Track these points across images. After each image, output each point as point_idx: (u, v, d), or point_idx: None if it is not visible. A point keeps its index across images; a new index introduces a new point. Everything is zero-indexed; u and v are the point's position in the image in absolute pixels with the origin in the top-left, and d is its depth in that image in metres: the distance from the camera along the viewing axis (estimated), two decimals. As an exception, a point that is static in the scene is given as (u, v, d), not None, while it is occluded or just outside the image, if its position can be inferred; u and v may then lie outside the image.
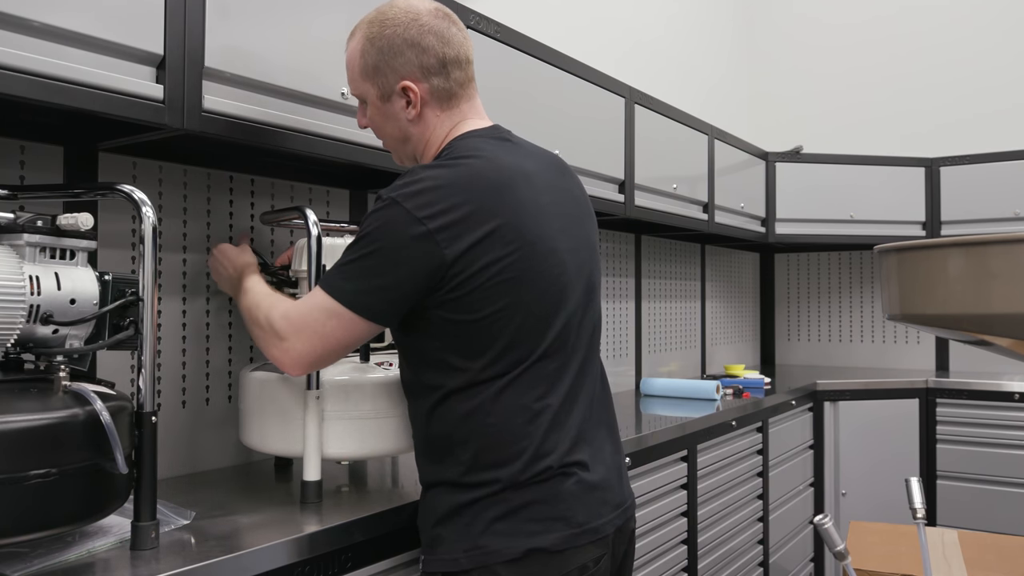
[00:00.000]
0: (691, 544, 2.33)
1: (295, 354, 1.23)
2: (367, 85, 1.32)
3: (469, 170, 1.22)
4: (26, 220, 1.13)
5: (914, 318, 1.52)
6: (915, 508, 1.69)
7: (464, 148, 1.26)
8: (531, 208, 1.24)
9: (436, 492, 1.27)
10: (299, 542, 1.20)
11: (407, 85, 1.29)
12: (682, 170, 3.01)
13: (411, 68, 1.28)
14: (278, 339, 1.24)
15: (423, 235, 1.15)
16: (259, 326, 1.29)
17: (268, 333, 1.26)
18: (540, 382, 1.24)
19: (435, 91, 1.30)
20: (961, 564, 1.95)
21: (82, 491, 1.03)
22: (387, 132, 1.36)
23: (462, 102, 1.34)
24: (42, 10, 1.12)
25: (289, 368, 1.25)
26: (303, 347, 1.22)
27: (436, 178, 1.19)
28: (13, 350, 1.13)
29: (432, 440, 1.27)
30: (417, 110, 1.30)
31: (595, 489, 1.26)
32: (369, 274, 1.18)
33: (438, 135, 1.33)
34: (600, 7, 3.23)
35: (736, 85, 4.40)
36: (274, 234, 1.85)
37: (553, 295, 1.25)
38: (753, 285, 4.50)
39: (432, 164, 1.25)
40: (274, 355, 1.26)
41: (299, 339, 1.22)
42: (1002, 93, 4.03)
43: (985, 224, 3.68)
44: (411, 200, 1.16)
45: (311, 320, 1.21)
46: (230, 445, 1.73)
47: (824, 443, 3.43)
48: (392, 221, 1.17)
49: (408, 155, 1.38)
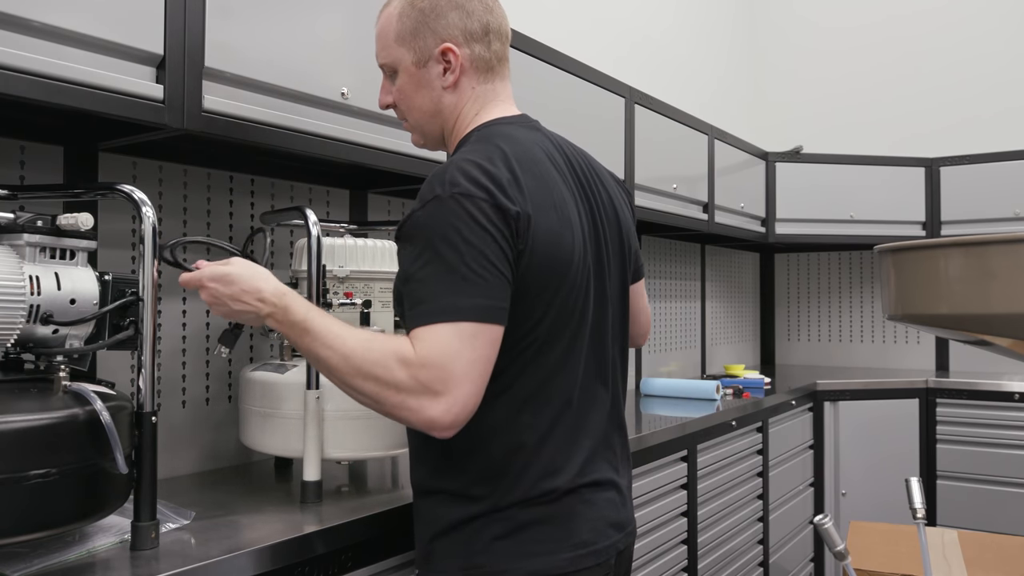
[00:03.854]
0: (691, 544, 2.33)
1: (461, 405, 1.02)
2: (401, 51, 1.23)
3: (508, 149, 1.14)
4: (26, 220, 1.13)
5: (914, 318, 1.52)
6: (915, 508, 1.69)
7: (496, 135, 1.19)
8: (560, 204, 1.17)
9: (434, 501, 1.19)
10: (299, 542, 1.20)
11: (448, 47, 1.21)
12: (682, 170, 3.01)
13: (453, 31, 1.21)
14: (431, 395, 1.01)
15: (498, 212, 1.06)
16: (382, 383, 1.04)
17: (412, 389, 1.02)
18: (559, 391, 1.17)
19: (475, 59, 1.23)
20: (961, 564, 1.95)
21: (82, 491, 1.03)
22: (416, 103, 1.26)
23: (497, 79, 1.27)
24: (42, 10, 1.12)
25: (451, 427, 1.03)
26: (467, 389, 1.03)
27: (479, 161, 1.11)
28: (13, 350, 1.13)
29: (434, 445, 1.17)
30: (456, 76, 1.22)
31: (603, 509, 1.20)
32: (473, 277, 1.05)
33: (471, 110, 1.25)
34: (601, 7, 3.23)
35: (736, 85, 4.40)
36: (274, 234, 1.85)
37: (578, 302, 1.18)
38: (753, 285, 4.50)
39: (466, 151, 1.15)
40: (428, 417, 1.02)
41: (460, 385, 1.02)
42: (1002, 94, 4.03)
43: (985, 224, 3.68)
44: (462, 186, 1.07)
45: (454, 353, 1.02)
46: (230, 445, 1.73)
47: (824, 443, 3.43)
48: (456, 214, 1.06)
49: (434, 132, 1.29)
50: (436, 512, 1.18)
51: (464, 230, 1.05)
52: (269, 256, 1.72)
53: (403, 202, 2.18)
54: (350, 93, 1.58)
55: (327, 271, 1.51)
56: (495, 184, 1.08)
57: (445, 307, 1.03)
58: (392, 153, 1.68)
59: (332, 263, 1.53)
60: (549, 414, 1.16)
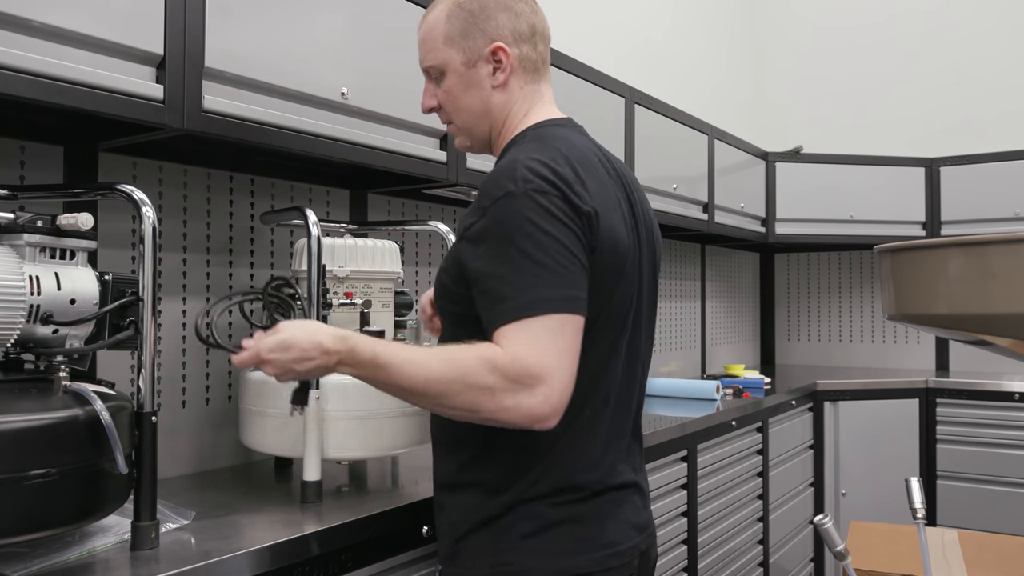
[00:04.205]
0: (691, 544, 2.33)
1: (558, 393, 1.04)
2: (450, 52, 1.24)
3: (566, 151, 1.16)
4: (26, 220, 1.13)
5: (914, 318, 1.52)
6: (915, 508, 1.69)
7: (552, 136, 1.20)
8: (616, 207, 1.19)
9: (465, 495, 1.18)
10: (299, 542, 1.20)
11: (499, 47, 1.22)
12: (682, 170, 3.01)
13: (503, 31, 1.23)
14: (527, 390, 1.02)
15: (571, 208, 1.08)
16: (476, 390, 1.04)
17: (506, 388, 1.02)
18: (601, 389, 1.17)
19: (524, 59, 1.25)
20: (961, 564, 1.95)
21: (82, 491, 1.03)
22: (464, 104, 1.26)
23: (542, 81, 1.29)
24: (42, 10, 1.12)
25: (552, 417, 1.04)
26: (562, 379, 1.04)
27: (545, 160, 1.12)
28: (13, 350, 1.13)
29: (473, 436, 1.15)
30: (506, 75, 1.24)
31: (627, 511, 1.21)
32: (557, 268, 1.06)
33: (519, 110, 1.26)
34: (601, 8, 3.23)
35: (736, 85, 4.40)
36: (274, 234, 1.85)
37: (625, 305, 1.20)
38: (753, 285, 4.50)
39: (527, 150, 1.15)
40: (528, 412, 1.03)
41: (554, 375, 1.03)
42: (1002, 94, 4.03)
43: (985, 224, 3.68)
44: (534, 182, 1.08)
45: (545, 345, 1.03)
46: (230, 445, 1.73)
47: (824, 443, 3.43)
48: (532, 208, 1.07)
49: (481, 133, 1.29)
50: (466, 506, 1.18)
51: (543, 223, 1.06)
52: (267, 258, 1.72)
53: (403, 202, 2.18)
54: (350, 93, 1.58)
55: (327, 271, 1.51)
56: (564, 182, 1.09)
57: (532, 300, 1.04)
58: (392, 153, 1.68)
59: (332, 263, 1.53)
60: (589, 412, 1.16)
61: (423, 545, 1.39)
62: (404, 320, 1.72)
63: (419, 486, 1.52)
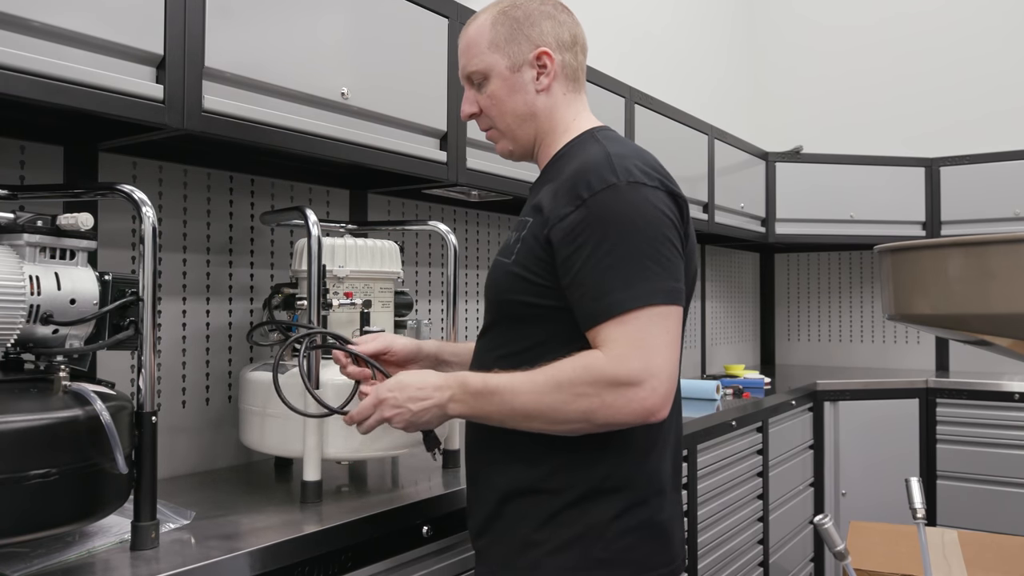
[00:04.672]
0: (691, 544, 2.33)
1: (665, 385, 1.06)
2: (495, 57, 1.26)
3: (636, 146, 1.23)
4: (26, 220, 1.13)
5: (914, 318, 1.52)
6: (915, 508, 1.69)
7: (618, 138, 1.26)
8: None
9: (529, 501, 1.16)
10: (299, 542, 1.20)
11: (544, 51, 1.25)
12: (682, 170, 3.01)
13: (547, 38, 1.26)
14: (630, 387, 1.04)
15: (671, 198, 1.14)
16: (584, 395, 1.05)
17: (614, 389, 1.04)
18: (677, 378, 1.17)
19: (566, 67, 1.28)
20: (961, 564, 1.95)
21: (82, 491, 1.03)
22: (509, 108, 1.27)
23: (582, 90, 1.32)
24: (42, 10, 1.12)
25: (661, 408, 1.06)
26: (667, 369, 1.06)
27: (635, 153, 1.18)
28: (13, 350, 1.13)
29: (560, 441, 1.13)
30: (549, 80, 1.26)
31: (680, 522, 1.23)
32: (660, 259, 1.09)
33: (564, 116, 1.28)
34: (600, 7, 3.22)
35: (736, 85, 4.39)
36: (274, 234, 1.85)
37: (691, 287, 1.23)
38: (753, 285, 4.50)
39: (612, 146, 1.18)
40: (637, 408, 1.05)
41: (660, 367, 1.05)
42: (1002, 94, 4.02)
43: (985, 224, 3.68)
44: (635, 174, 1.12)
45: (650, 339, 1.05)
46: (230, 445, 1.73)
47: (824, 443, 3.43)
48: (635, 200, 1.10)
49: (525, 137, 1.30)
50: (532, 515, 1.15)
51: (647, 214, 1.09)
52: (269, 257, 1.72)
53: (403, 202, 2.18)
54: (350, 93, 1.58)
55: (327, 271, 1.51)
56: (660, 173, 1.15)
57: (638, 294, 1.06)
58: (392, 153, 1.68)
59: (332, 263, 1.53)
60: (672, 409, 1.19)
61: (423, 545, 1.39)
62: (404, 320, 1.72)
63: (419, 486, 1.52)
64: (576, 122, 1.29)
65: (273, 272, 1.84)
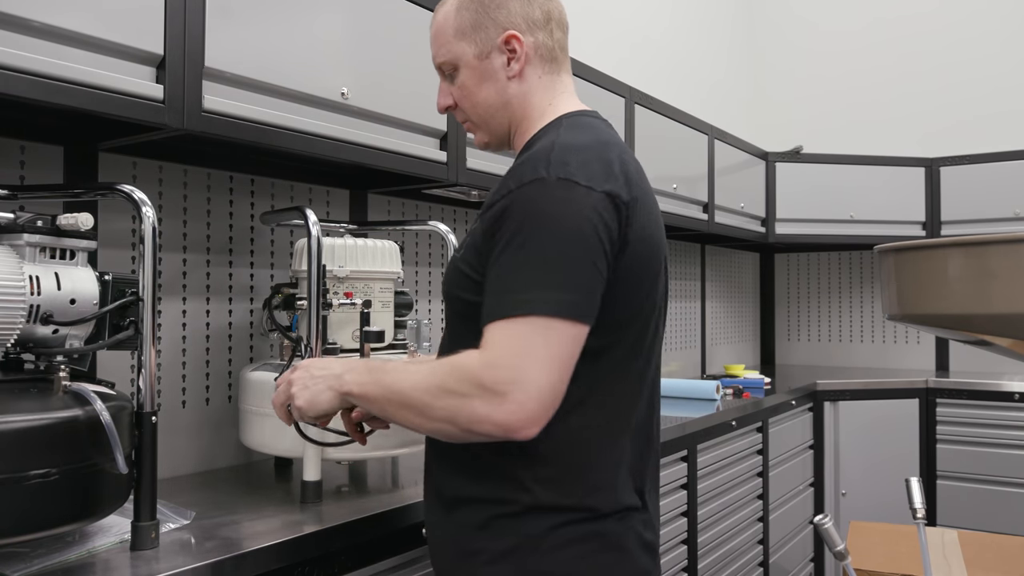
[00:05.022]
0: (691, 544, 2.33)
1: (534, 402, 0.95)
2: (462, 45, 1.19)
3: (606, 139, 1.11)
4: (26, 220, 1.13)
5: (914, 318, 1.52)
6: (915, 508, 1.69)
7: (588, 125, 1.15)
8: (653, 203, 1.17)
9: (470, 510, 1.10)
10: (299, 542, 1.20)
11: (512, 35, 1.17)
12: (682, 170, 3.01)
13: (516, 19, 1.18)
14: (495, 395, 0.95)
15: (607, 199, 1.02)
16: (450, 393, 0.98)
17: (479, 395, 0.96)
18: (632, 394, 1.11)
19: (539, 48, 1.19)
20: (961, 564, 1.95)
21: (82, 491, 1.03)
22: (480, 98, 1.20)
23: (562, 71, 1.22)
24: (42, 10, 1.12)
25: (525, 427, 0.96)
26: (541, 386, 0.96)
27: (586, 144, 1.08)
28: (13, 350, 1.13)
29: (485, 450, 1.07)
30: (521, 65, 1.18)
31: (649, 536, 1.14)
32: (567, 272, 0.99)
33: (539, 101, 1.20)
34: (601, 7, 3.22)
35: (736, 85, 4.40)
36: (274, 234, 1.85)
37: (657, 307, 1.14)
38: (753, 285, 4.50)
39: (566, 136, 1.10)
40: (499, 420, 0.95)
41: (532, 384, 0.95)
42: (1002, 94, 4.02)
43: (985, 224, 3.68)
44: (568, 169, 1.02)
45: (527, 350, 0.96)
46: (230, 445, 1.73)
47: (824, 443, 3.43)
48: (558, 199, 1.01)
49: (500, 127, 1.22)
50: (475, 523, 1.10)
51: (568, 217, 0.99)
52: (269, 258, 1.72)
53: (403, 202, 2.18)
54: (350, 93, 1.58)
55: (327, 271, 1.51)
56: (604, 169, 1.04)
57: (528, 299, 0.97)
58: (392, 153, 1.68)
59: (332, 263, 1.53)
60: (624, 413, 1.11)
61: (423, 545, 1.39)
62: (404, 320, 1.72)
63: (419, 486, 1.52)
64: (552, 107, 1.20)
65: (273, 272, 1.84)
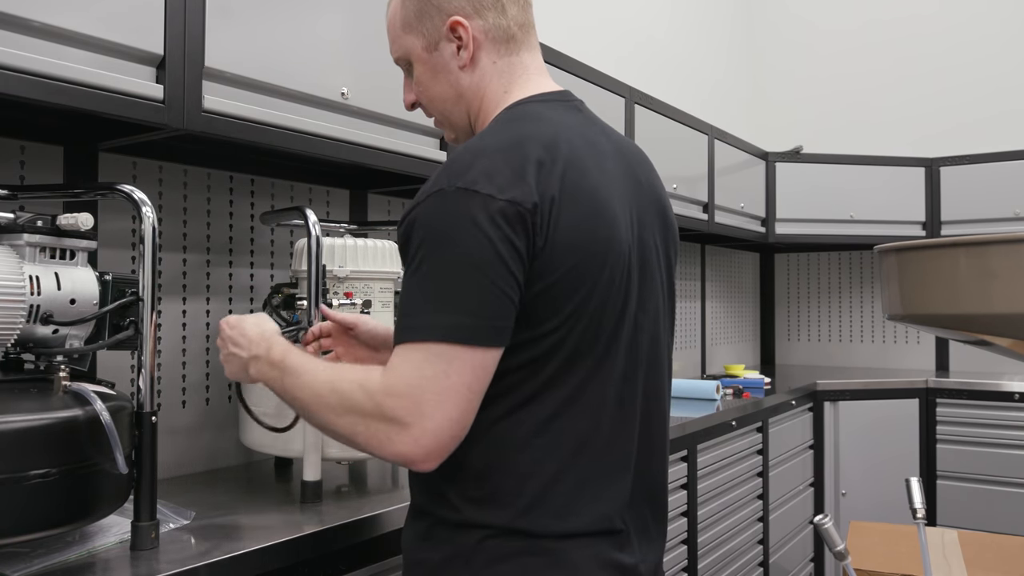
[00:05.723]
0: (691, 544, 2.33)
1: (432, 436, 0.90)
2: (410, 38, 1.11)
3: (531, 133, 0.99)
4: (26, 220, 1.13)
5: (914, 318, 1.52)
6: (915, 508, 1.69)
7: (524, 115, 1.05)
8: (594, 196, 1.00)
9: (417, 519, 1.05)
10: (299, 542, 1.20)
11: (457, 21, 1.07)
12: (682, 170, 3.01)
13: (459, 3, 1.07)
14: (399, 426, 0.90)
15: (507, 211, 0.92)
16: (352, 411, 0.95)
17: (379, 419, 0.92)
18: (593, 412, 1.00)
19: (490, 30, 1.08)
20: (961, 564, 1.95)
21: (82, 491, 1.03)
22: (436, 93, 1.12)
23: (523, 50, 1.11)
24: (42, 10, 1.12)
25: (424, 460, 0.92)
26: (438, 421, 0.90)
27: (495, 146, 0.97)
28: (13, 350, 1.13)
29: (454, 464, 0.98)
30: (470, 52, 1.08)
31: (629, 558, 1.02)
32: (459, 293, 0.92)
33: (496, 88, 1.10)
34: (601, 7, 3.22)
35: (736, 85, 4.40)
36: (274, 234, 1.85)
37: (617, 301, 1.01)
38: (753, 285, 4.50)
39: (482, 134, 1.03)
40: (397, 451, 0.92)
41: (430, 416, 0.90)
42: (1002, 94, 4.02)
43: (985, 224, 3.68)
44: (467, 177, 0.93)
45: (425, 381, 0.90)
46: (230, 445, 1.73)
47: (824, 443, 3.43)
48: (456, 212, 0.92)
49: (460, 121, 1.14)
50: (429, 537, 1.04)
51: (463, 233, 0.91)
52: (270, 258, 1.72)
53: (403, 202, 2.18)
54: (350, 93, 1.58)
55: (327, 271, 1.51)
56: (511, 173, 0.93)
57: (422, 324, 0.91)
58: (392, 153, 1.68)
59: (332, 263, 1.53)
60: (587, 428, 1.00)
61: (423, 545, 1.39)
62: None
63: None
64: (508, 94, 1.10)
65: (273, 272, 1.84)
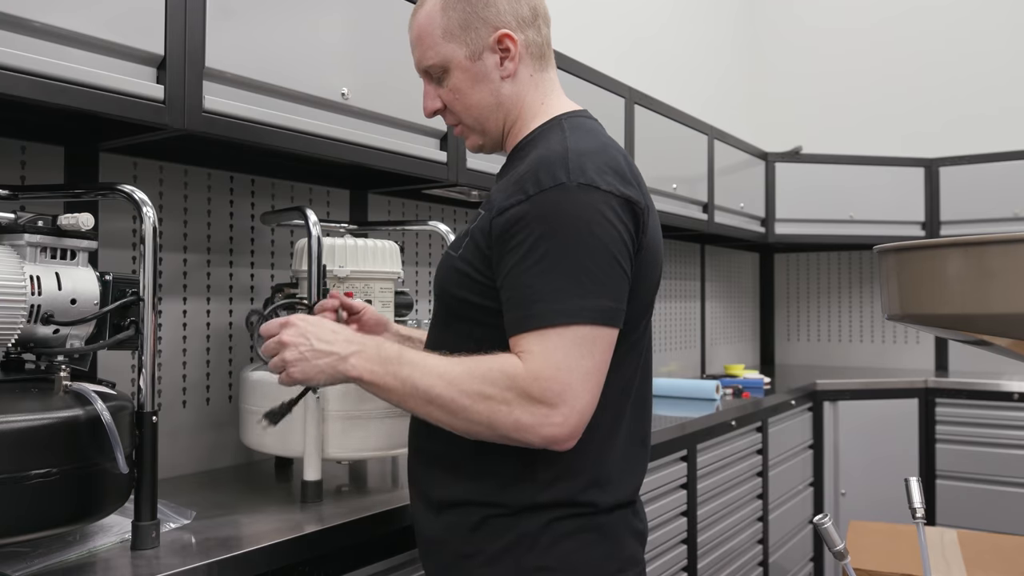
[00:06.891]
0: (691, 544, 2.33)
1: (578, 415, 0.97)
2: (451, 46, 1.15)
3: (612, 143, 1.12)
4: (27, 220, 1.13)
5: (914, 318, 1.52)
6: (915, 508, 1.69)
7: (588, 127, 1.15)
8: (654, 204, 1.16)
9: (461, 512, 1.10)
10: (299, 542, 1.20)
11: (506, 34, 1.14)
12: (682, 170, 3.01)
13: (506, 17, 1.14)
14: (543, 407, 0.96)
15: (625, 204, 1.03)
16: (492, 399, 0.98)
17: (524, 405, 0.96)
18: (630, 393, 1.12)
19: (530, 46, 1.17)
20: (961, 564, 1.95)
21: (82, 491, 1.03)
22: (475, 100, 1.17)
23: (550, 67, 1.22)
24: (42, 10, 1.12)
25: (570, 440, 0.98)
26: (585, 400, 0.98)
27: (597, 150, 1.07)
28: (14, 350, 1.13)
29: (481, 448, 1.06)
30: (515, 64, 1.16)
31: (640, 528, 1.17)
32: (599, 279, 1.00)
33: (533, 99, 1.18)
34: (601, 7, 3.23)
35: (736, 85, 4.40)
36: (274, 234, 1.85)
37: (651, 294, 1.15)
38: (753, 285, 4.50)
39: (573, 140, 1.09)
40: (546, 434, 0.97)
41: (578, 396, 0.97)
42: (1001, 94, 4.03)
43: (985, 224, 3.68)
44: (587, 175, 1.02)
45: (572, 361, 0.96)
46: (230, 445, 1.73)
47: (824, 443, 3.43)
48: (583, 204, 1.00)
49: (494, 128, 1.20)
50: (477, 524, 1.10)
51: (591, 222, 0.99)
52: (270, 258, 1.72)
53: (403, 202, 2.18)
54: (350, 93, 1.58)
55: (327, 271, 1.51)
56: (619, 174, 1.04)
57: (565, 309, 0.96)
58: (392, 153, 1.68)
59: (332, 263, 1.53)
60: (614, 422, 1.11)
61: (423, 545, 1.39)
62: (404, 320, 1.72)
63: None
64: (545, 106, 1.19)
65: (273, 272, 1.85)
